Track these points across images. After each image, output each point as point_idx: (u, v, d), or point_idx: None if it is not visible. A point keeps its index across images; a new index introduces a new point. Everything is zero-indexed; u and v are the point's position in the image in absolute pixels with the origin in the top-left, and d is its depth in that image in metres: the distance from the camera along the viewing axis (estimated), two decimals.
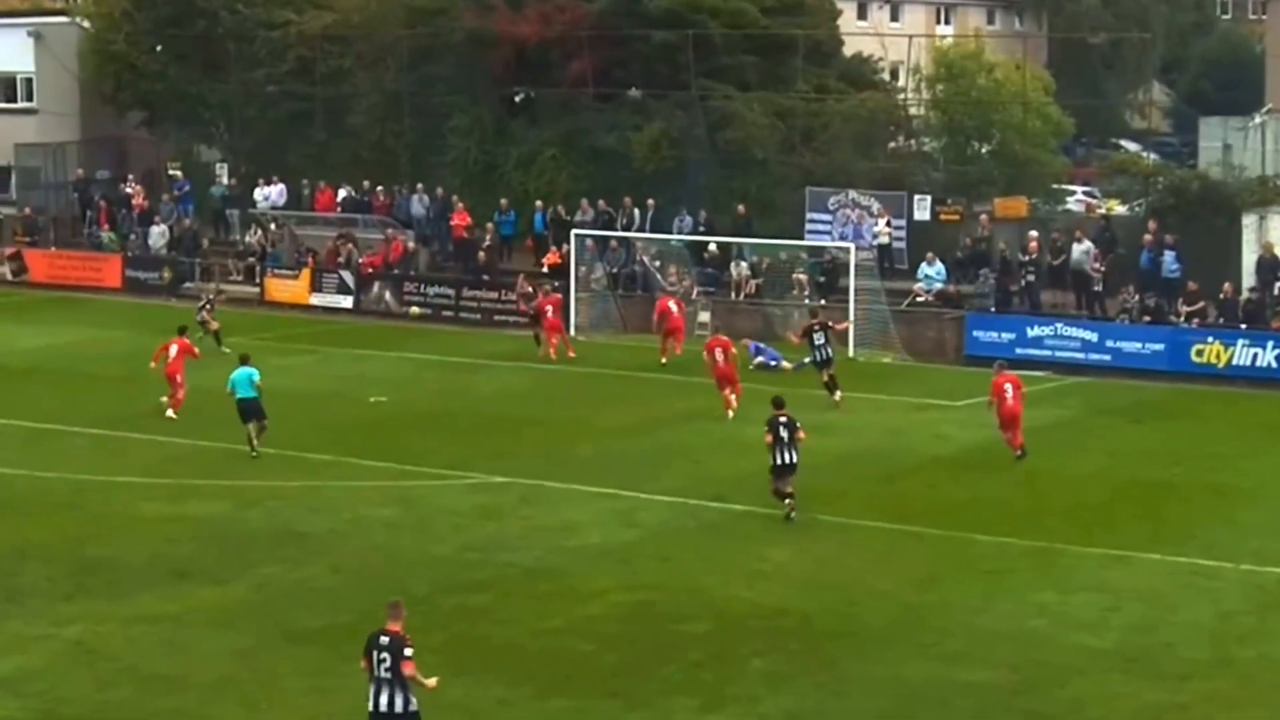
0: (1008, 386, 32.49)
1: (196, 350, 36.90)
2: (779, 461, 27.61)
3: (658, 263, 48.39)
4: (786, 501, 27.71)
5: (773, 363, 41.34)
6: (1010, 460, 32.21)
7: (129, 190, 58.43)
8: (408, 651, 17.01)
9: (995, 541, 26.75)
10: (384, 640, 17.18)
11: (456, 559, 25.78)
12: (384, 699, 17.02)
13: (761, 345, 42.40)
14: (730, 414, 35.57)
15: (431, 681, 17.14)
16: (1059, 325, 42.93)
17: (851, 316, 43.51)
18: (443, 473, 31.11)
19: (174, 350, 36.09)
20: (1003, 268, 45.61)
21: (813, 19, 55.23)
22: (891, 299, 45.12)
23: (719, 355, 36.71)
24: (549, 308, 43.22)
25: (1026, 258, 45.33)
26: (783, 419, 27.68)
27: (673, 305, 43.53)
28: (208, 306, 44.51)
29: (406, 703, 17.03)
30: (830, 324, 38.58)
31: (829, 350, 37.56)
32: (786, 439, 27.51)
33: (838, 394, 37.02)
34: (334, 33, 57.79)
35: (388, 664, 17.03)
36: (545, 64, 53.75)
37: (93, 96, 61.89)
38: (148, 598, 23.72)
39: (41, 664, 21.23)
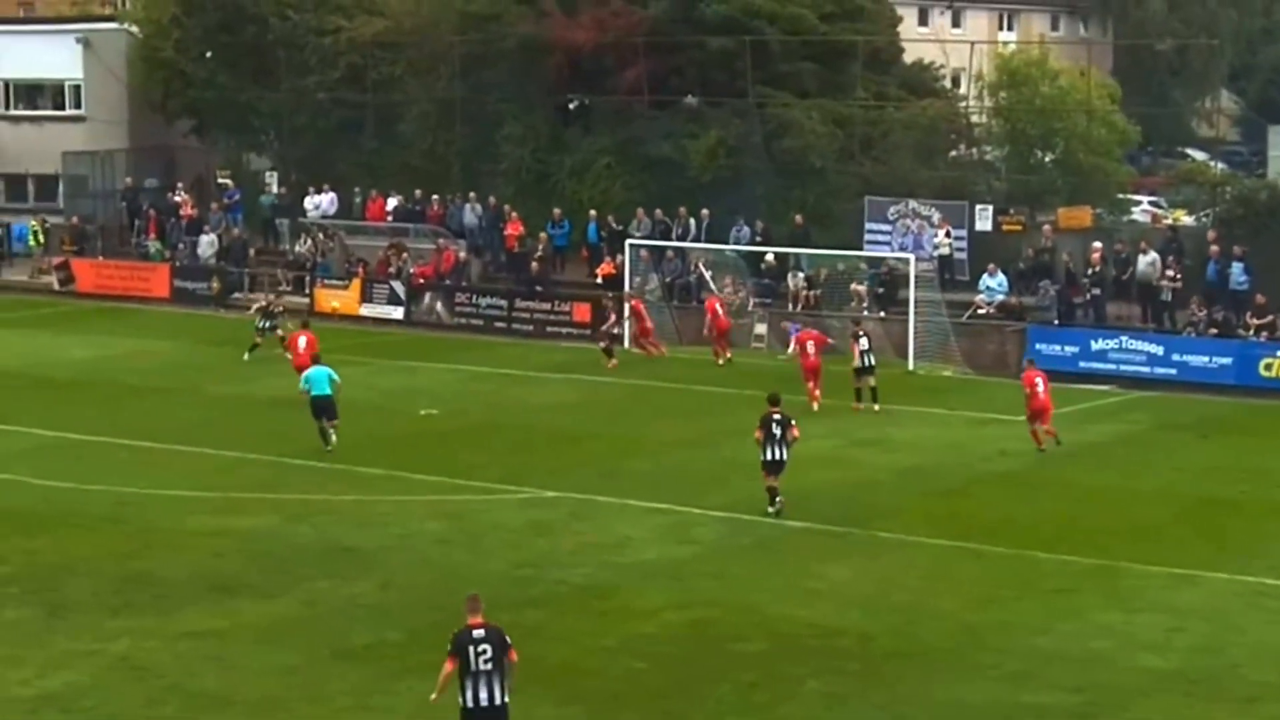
0: (1038, 380, 34.19)
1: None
2: (768, 457, 28.48)
3: (710, 272, 48.37)
4: (777, 500, 28.53)
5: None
6: (1074, 476, 32.10)
7: (177, 199, 58.80)
8: (509, 639, 17.43)
9: (1058, 560, 26.61)
10: (479, 634, 17.43)
11: (508, 575, 25.80)
12: (484, 692, 17.21)
13: (799, 326, 42.76)
14: (815, 407, 36.38)
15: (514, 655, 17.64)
16: (1124, 338, 42.69)
17: (911, 328, 43.39)
18: (494, 487, 31.17)
19: (302, 343, 37.63)
20: (1066, 279, 45.41)
21: (873, 25, 55.08)
22: (952, 311, 44.97)
23: (810, 348, 37.66)
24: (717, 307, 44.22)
25: (1091, 269, 45.10)
26: (776, 416, 28.54)
27: (719, 307, 44.25)
28: (274, 322, 44.43)
29: (505, 693, 17.33)
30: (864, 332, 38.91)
31: (872, 358, 38.08)
32: (779, 435, 28.36)
33: (875, 405, 37.74)
34: (385, 39, 58.06)
35: (488, 655, 17.27)
36: (600, 71, 53.84)
37: (141, 104, 62.35)
38: (194, 613, 23.84)
39: (89, 680, 21.36)
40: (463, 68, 56.50)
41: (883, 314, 44.70)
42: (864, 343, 38.09)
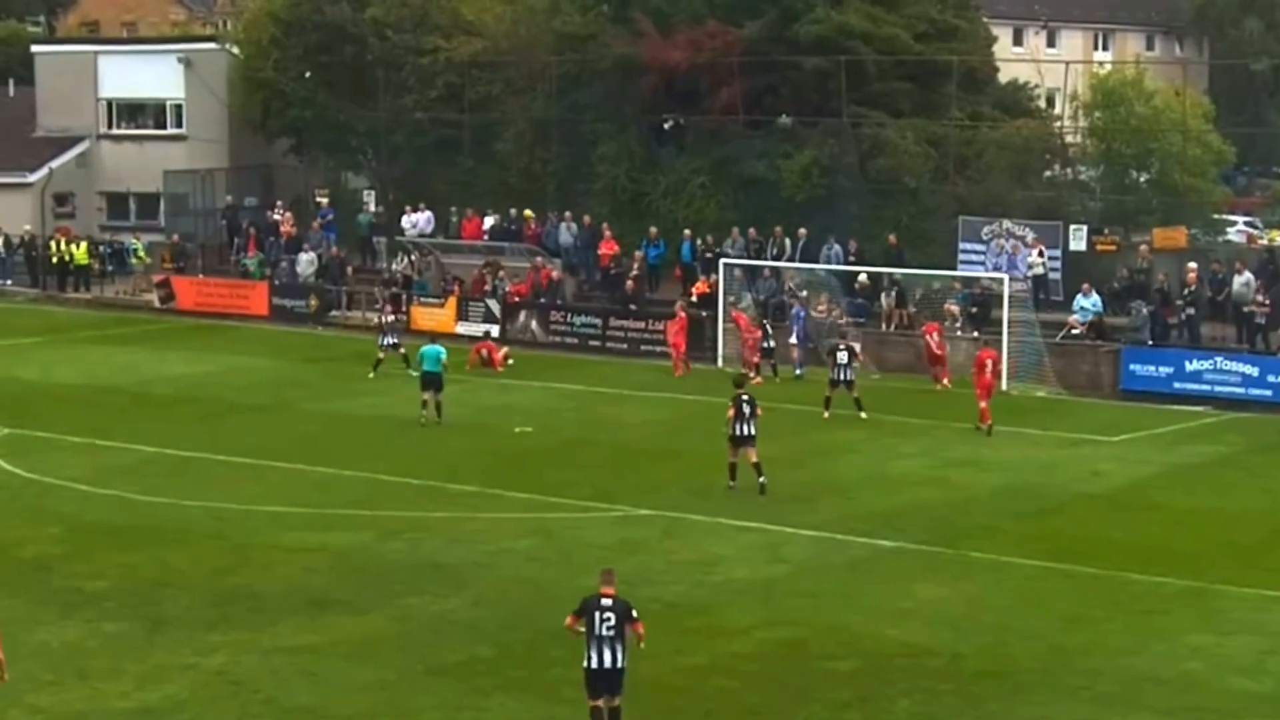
0: (989, 361, 37.68)
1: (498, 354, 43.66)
2: (738, 433, 31.51)
3: (804, 293, 48.29)
4: (760, 480, 31.31)
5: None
6: (1167, 497, 31.86)
7: (276, 217, 59.42)
8: (635, 613, 19.52)
9: (1149, 581, 26.38)
10: (606, 603, 19.50)
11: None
12: (606, 656, 19.39)
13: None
14: (987, 426, 37.09)
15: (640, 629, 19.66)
16: (1219, 359, 42.22)
17: (1005, 349, 43.17)
18: (586, 504, 31.26)
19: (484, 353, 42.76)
20: (1161, 300, 45.00)
21: (967, 45, 54.88)
22: (1045, 331, 44.67)
23: (988, 367, 38.03)
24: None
25: (1186, 289, 44.66)
26: (745, 397, 31.79)
27: (745, 321, 45.59)
28: (397, 339, 45.05)
29: (624, 658, 19.46)
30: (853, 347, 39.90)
31: (851, 373, 38.90)
32: (747, 414, 31.51)
33: (862, 414, 38.79)
34: (483, 59, 58.43)
35: (611, 623, 19.35)
36: (694, 91, 53.94)
37: (241, 124, 63.07)
38: (288, 628, 24.04)
39: (186, 694, 21.59)
40: (558, 87, 56.79)
41: (976, 334, 44.44)
42: (843, 356, 38.89)
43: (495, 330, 50.86)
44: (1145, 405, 41.28)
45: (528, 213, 54.95)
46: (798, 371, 45.11)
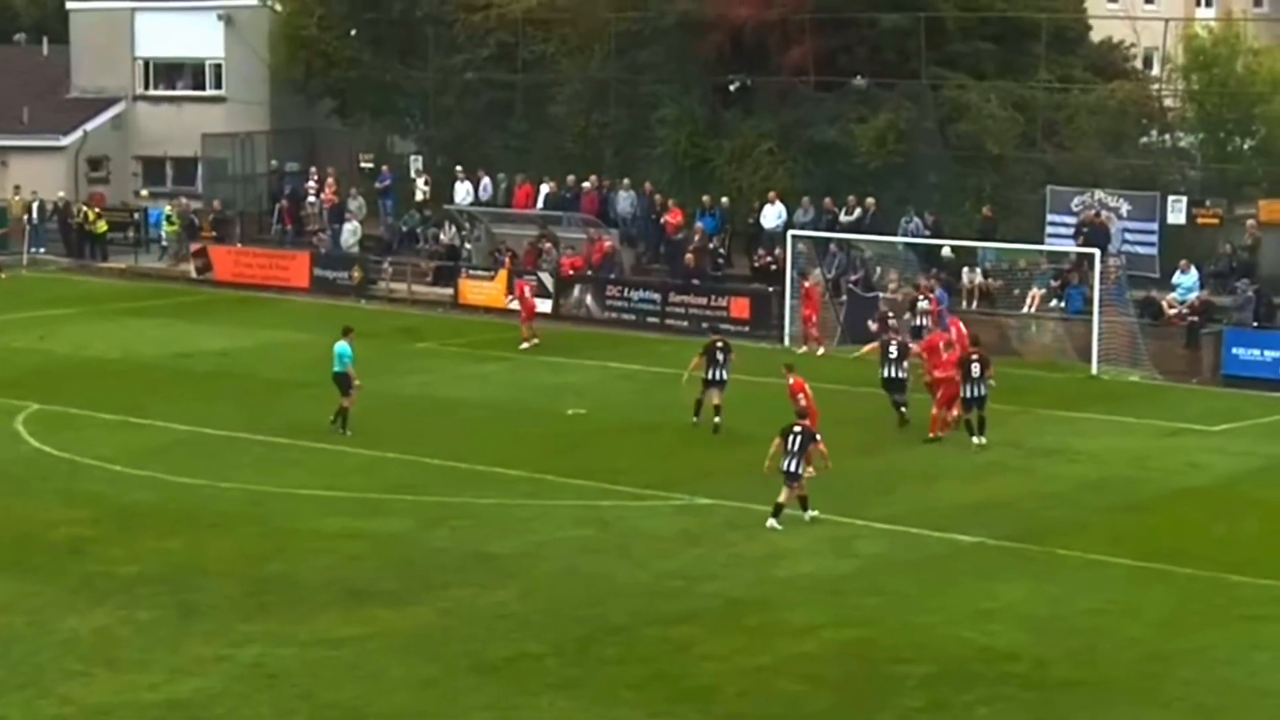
0: (940, 343, 37.81)
1: None
2: (709, 377, 35.66)
3: (878, 266, 47.96)
4: (716, 420, 35.21)
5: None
6: (1271, 493, 31.62)
7: (311, 184, 59.30)
8: (819, 437, 28.31)
9: (1254, 584, 26.09)
10: (797, 429, 28.61)
11: (657, 587, 25.78)
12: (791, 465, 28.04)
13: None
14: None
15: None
16: None
17: (1095, 330, 42.79)
18: (643, 492, 31.18)
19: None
20: (1268, 278, 44.46)
21: (1058, 1, 54.38)
22: (1140, 311, 44.24)
23: (941, 349, 37.19)
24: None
25: None
26: (719, 344, 35.98)
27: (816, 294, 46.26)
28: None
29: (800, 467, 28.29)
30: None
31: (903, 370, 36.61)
32: (721, 360, 35.58)
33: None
34: (537, 16, 58.34)
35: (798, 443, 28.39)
36: (762, 50, 53.64)
37: (283, 85, 63.18)
38: (328, 619, 24.09)
39: (219, 687, 21.65)
40: (617, 46, 56.63)
41: (1064, 313, 44.12)
42: (894, 350, 36.71)
43: (549, 306, 50.81)
44: (1248, 392, 40.82)
45: (588, 181, 54.78)
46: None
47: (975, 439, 34.49)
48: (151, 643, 23.22)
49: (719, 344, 36.07)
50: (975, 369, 34.73)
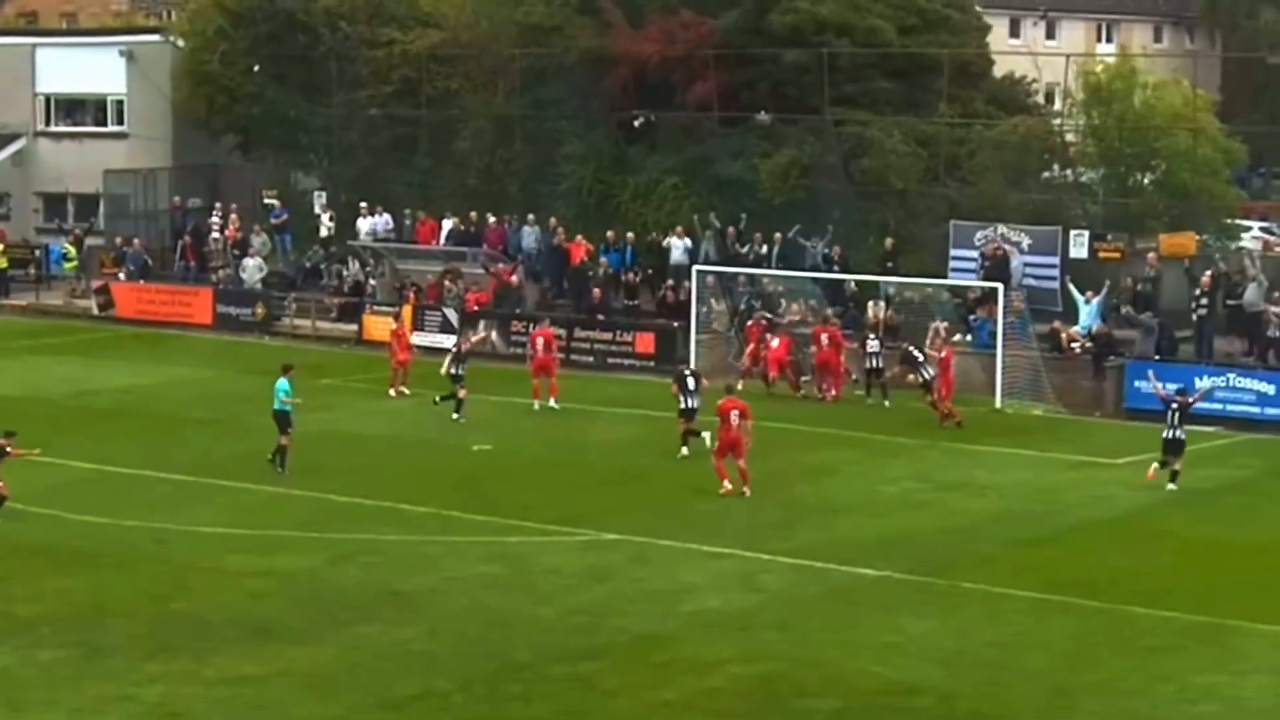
0: (824, 337, 43.33)
1: None
2: (684, 405, 36.42)
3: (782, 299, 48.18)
4: (703, 434, 35.32)
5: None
6: (1176, 525, 31.93)
7: (215, 220, 58.92)
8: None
9: (1157, 615, 26.31)
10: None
11: (563, 623, 25.75)
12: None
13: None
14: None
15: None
16: (1231, 375, 42.14)
17: (999, 363, 43.12)
18: (550, 528, 31.12)
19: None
20: (1169, 311, 44.92)
21: (959, 37, 54.74)
22: (1043, 344, 44.60)
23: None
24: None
25: (1200, 294, 44.43)
26: (687, 371, 37.57)
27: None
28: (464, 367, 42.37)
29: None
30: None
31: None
32: (692, 388, 36.42)
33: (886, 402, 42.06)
34: (441, 52, 58.27)
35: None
36: (667, 85, 53.82)
37: (185, 121, 62.79)
38: (232, 658, 23.90)
39: None
40: (522, 82, 56.66)
41: (968, 345, 44.37)
42: (873, 344, 42.50)
43: (451, 342, 50.32)
44: (1152, 425, 41.12)
45: (493, 216, 54.74)
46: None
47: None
48: (54, 682, 22.99)
49: (688, 372, 37.56)
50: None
